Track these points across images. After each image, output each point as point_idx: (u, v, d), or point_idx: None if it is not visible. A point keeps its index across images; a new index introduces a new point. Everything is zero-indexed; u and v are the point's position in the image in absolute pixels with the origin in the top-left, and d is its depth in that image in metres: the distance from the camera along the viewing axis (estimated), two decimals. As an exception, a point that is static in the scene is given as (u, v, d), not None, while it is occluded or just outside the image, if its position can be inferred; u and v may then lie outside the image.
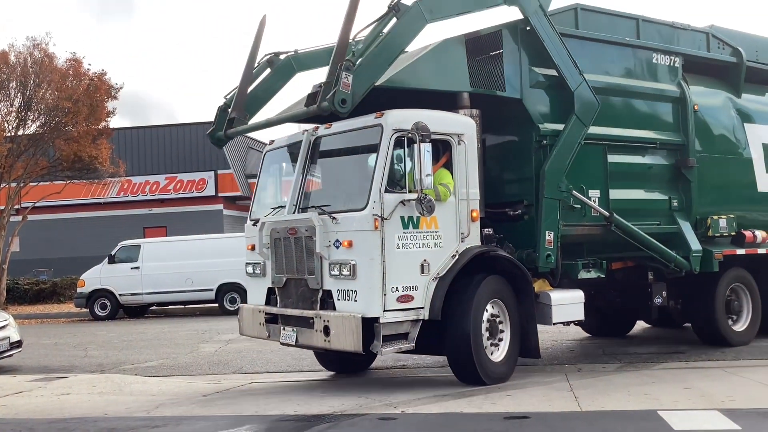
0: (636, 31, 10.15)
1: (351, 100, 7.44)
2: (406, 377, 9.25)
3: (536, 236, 8.69)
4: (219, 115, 9.50)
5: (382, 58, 7.83)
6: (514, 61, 8.81)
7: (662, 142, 10.08)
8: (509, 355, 8.31)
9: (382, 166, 7.55)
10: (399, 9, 7.96)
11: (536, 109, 8.99)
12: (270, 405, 7.77)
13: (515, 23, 8.94)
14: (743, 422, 6.31)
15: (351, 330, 7.37)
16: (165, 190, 31.43)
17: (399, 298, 7.51)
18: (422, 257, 7.70)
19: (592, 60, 9.51)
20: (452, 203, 7.99)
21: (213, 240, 21.35)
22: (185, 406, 7.95)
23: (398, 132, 7.64)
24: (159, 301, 20.78)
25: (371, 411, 7.26)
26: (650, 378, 8.48)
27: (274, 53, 9.70)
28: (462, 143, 8.10)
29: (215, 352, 12.41)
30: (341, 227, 7.66)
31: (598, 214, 9.21)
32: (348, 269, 7.53)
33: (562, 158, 8.82)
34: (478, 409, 7.17)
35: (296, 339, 8.13)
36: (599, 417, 6.72)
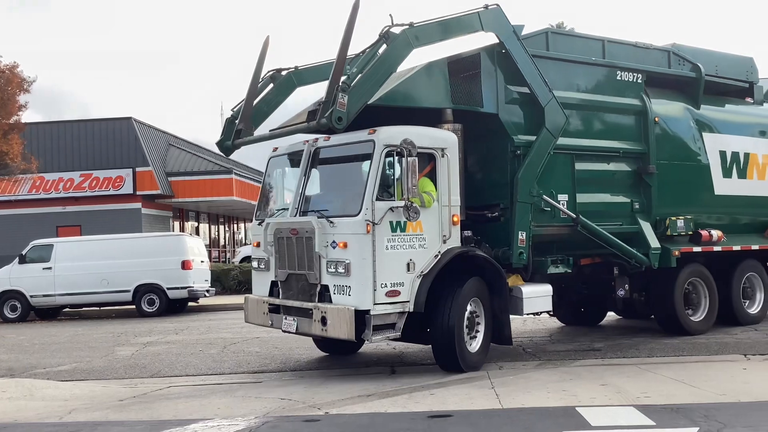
0: (602, 51, 11.20)
1: (346, 117, 8.35)
2: (331, 377, 9.19)
3: (510, 236, 9.66)
4: (227, 126, 10.42)
5: (373, 80, 8.73)
6: (491, 81, 9.83)
7: (625, 150, 11.09)
8: (483, 346, 9.30)
9: (374, 177, 8.53)
10: (389, 37, 8.90)
11: (511, 122, 9.98)
12: (189, 409, 7.60)
13: (492, 47, 9.94)
14: (657, 417, 6.52)
15: (345, 320, 8.32)
16: (80, 188, 30.39)
17: (387, 293, 8.43)
18: (408, 257, 8.63)
19: (561, 78, 10.55)
20: (435, 209, 8.93)
21: (130, 240, 20.76)
22: (100, 411, 7.70)
23: (388, 147, 8.61)
24: (73, 303, 20.06)
25: (294, 413, 7.19)
26: (568, 375, 8.68)
27: (276, 70, 10.65)
28: (445, 156, 9.07)
29: (132, 355, 12.06)
30: (337, 230, 8.58)
31: (566, 216, 10.22)
32: (343, 267, 8.46)
33: (534, 166, 9.83)
34: (402, 409, 7.18)
35: (297, 327, 9.08)
36: (520, 414, 6.83)
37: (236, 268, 25.44)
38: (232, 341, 13.08)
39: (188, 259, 19.60)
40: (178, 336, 14.43)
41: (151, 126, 33.79)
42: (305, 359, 10.67)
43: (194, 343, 13.21)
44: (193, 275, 19.73)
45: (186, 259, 19.57)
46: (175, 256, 19.55)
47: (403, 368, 9.61)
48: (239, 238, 46.27)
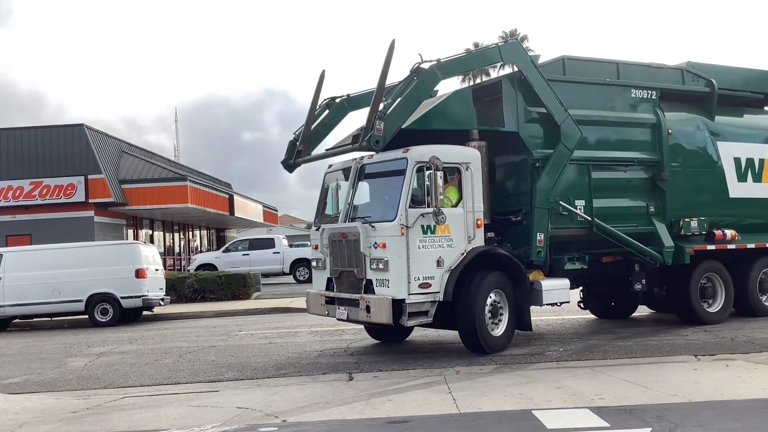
0: (617, 72, 12.56)
1: (382, 140, 10.06)
2: (289, 384, 9.13)
3: (530, 237, 11.07)
4: (289, 147, 12.20)
5: (406, 108, 10.39)
6: (511, 103, 11.23)
7: (639, 160, 12.47)
8: (507, 331, 10.77)
9: (407, 188, 10.16)
10: (419, 72, 10.57)
11: (530, 139, 11.38)
12: (144, 420, 7.49)
13: (512, 74, 11.50)
14: (611, 419, 6.64)
15: (384, 308, 9.89)
16: (30, 196, 29.67)
17: (420, 285, 9.98)
18: (438, 255, 10.17)
19: (577, 98, 11.90)
20: (461, 214, 10.47)
21: (83, 248, 20.30)
22: (52, 424, 7.54)
23: (419, 163, 10.20)
24: (23, 314, 19.53)
25: (251, 422, 7.13)
26: (525, 378, 8.77)
27: (331, 98, 12.37)
28: (469, 169, 10.62)
29: (85, 366, 11.83)
30: (378, 233, 10.18)
31: (582, 219, 11.63)
32: (383, 264, 10.03)
33: (551, 176, 11.20)
34: (360, 415, 7.19)
35: (347, 315, 10.74)
36: (477, 418, 6.88)
37: (192, 276, 25.14)
38: (188, 350, 12.92)
39: (142, 268, 19.28)
40: (132, 346, 14.20)
41: (103, 133, 33.23)
42: (262, 367, 10.60)
43: (149, 352, 13.02)
44: (148, 284, 19.41)
45: (140, 267, 19.25)
46: (129, 265, 19.22)
47: (361, 375, 9.60)
48: (195, 246, 45.74)
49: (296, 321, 17.17)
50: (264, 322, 17.54)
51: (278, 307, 20.64)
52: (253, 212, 45.88)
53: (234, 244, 35.91)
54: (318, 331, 14.77)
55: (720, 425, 6.38)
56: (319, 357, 11.29)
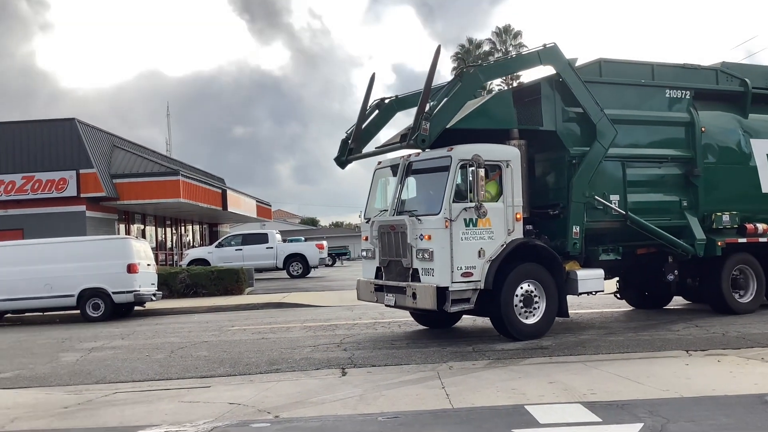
0: (652, 73, 13.04)
1: (428, 140, 10.75)
2: (281, 380, 9.12)
3: (567, 230, 11.72)
4: (342, 145, 13.05)
5: (450, 109, 11.12)
6: (550, 104, 11.89)
7: (673, 156, 13.03)
8: (543, 320, 11.37)
9: (450, 184, 10.90)
10: (462, 76, 11.52)
11: (567, 137, 12.02)
12: (136, 416, 7.47)
13: (550, 77, 12.01)
14: (603, 414, 6.66)
15: (429, 295, 10.67)
16: (21, 191, 29.54)
17: (462, 274, 10.75)
18: (479, 246, 10.92)
19: (613, 98, 12.44)
20: (502, 208, 11.18)
21: (74, 243, 20.22)
22: (44, 419, 7.51)
23: (462, 161, 10.95)
24: (14, 308, 19.44)
25: (244, 418, 7.12)
26: (517, 373, 8.79)
27: (380, 99, 13.17)
28: (509, 166, 11.31)
29: (77, 361, 11.79)
30: (424, 226, 10.96)
31: (617, 213, 12.23)
32: (428, 254, 10.83)
33: (587, 172, 11.85)
34: (353, 411, 7.18)
35: (395, 301, 11.58)
36: (470, 414, 6.89)
37: (184, 271, 25.08)
38: (180, 345, 12.90)
39: (134, 263, 19.21)
40: (124, 341, 14.16)
41: (95, 127, 33.09)
42: (254, 362, 10.58)
43: (141, 348, 12.98)
44: (140, 279, 19.35)
45: (132, 262, 19.18)
46: (121, 260, 19.14)
47: (354, 370, 9.60)
48: (187, 241, 45.64)
49: (289, 316, 17.15)
50: (257, 317, 17.52)
51: (271, 303, 20.62)
52: (247, 207, 45.79)
53: (227, 239, 35.86)
54: (311, 326, 14.76)
55: (711, 420, 6.40)
56: (312, 352, 11.28)
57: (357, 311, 16.72)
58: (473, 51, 59.95)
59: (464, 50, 60.90)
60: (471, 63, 11.54)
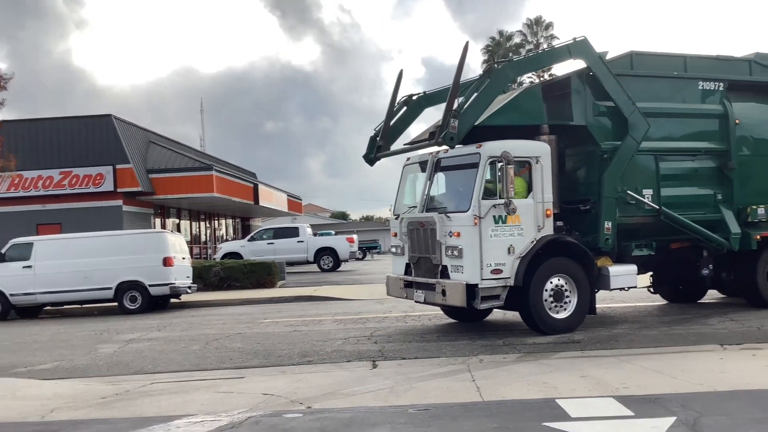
0: (684, 65, 12.89)
1: (457, 137, 10.82)
2: (314, 372, 9.22)
3: (598, 225, 11.58)
4: (370, 142, 12.98)
5: (479, 106, 11.12)
6: (580, 98, 11.76)
7: (707, 149, 12.81)
8: (575, 315, 11.27)
9: (480, 181, 10.87)
10: (491, 72, 11.44)
11: (598, 131, 11.89)
12: (172, 406, 7.61)
13: (581, 70, 11.88)
14: (635, 408, 6.63)
15: (459, 292, 10.69)
16: (59, 186, 30.12)
17: (492, 271, 10.72)
18: (509, 243, 10.84)
19: (645, 91, 12.24)
20: (531, 204, 11.08)
21: (111, 237, 20.58)
22: (82, 409, 7.68)
23: (491, 158, 10.88)
24: (54, 301, 19.86)
25: (277, 408, 7.22)
26: (548, 367, 8.77)
27: (408, 96, 13.10)
28: (539, 162, 11.20)
29: (114, 352, 12.02)
30: (453, 223, 10.95)
31: (650, 208, 12.07)
32: (457, 251, 10.83)
33: (618, 167, 11.70)
34: (384, 403, 7.24)
35: (424, 298, 11.57)
36: (500, 407, 6.90)
37: (218, 265, 25.37)
38: (215, 337, 13.08)
39: (170, 256, 19.51)
40: (160, 333, 14.40)
41: (131, 123, 33.56)
42: (287, 354, 10.70)
43: (177, 339, 13.19)
44: (175, 272, 19.64)
45: (167, 255, 19.47)
46: (157, 253, 19.44)
47: (384, 362, 9.66)
48: (220, 235, 46.10)
49: (320, 309, 17.28)
50: (288, 310, 17.67)
51: (302, 296, 20.78)
52: (278, 201, 46.12)
53: (259, 233, 36.15)
54: (342, 319, 14.86)
55: (746, 415, 6.35)
56: (343, 345, 11.37)
57: (387, 304, 16.79)
58: (504, 43, 59.36)
59: (495, 43, 60.30)
60: (501, 56, 11.29)
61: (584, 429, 6.09)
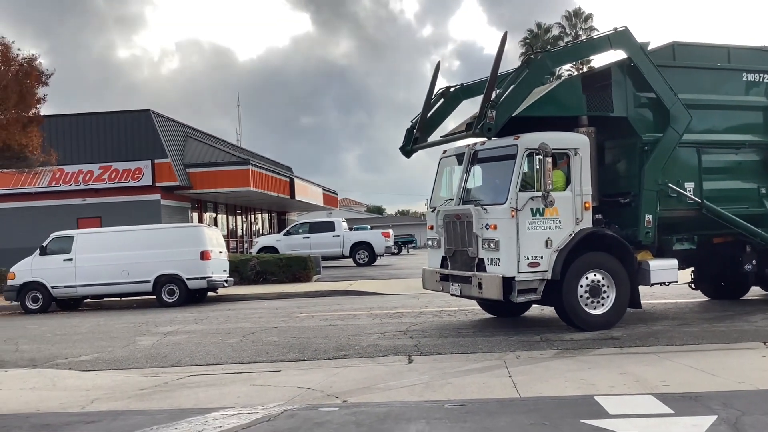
0: (728, 57, 12.61)
1: (494, 128, 10.65)
2: (349, 366, 9.23)
3: (638, 218, 11.43)
4: (407, 134, 12.91)
5: (516, 97, 10.94)
6: (620, 89, 11.58)
7: (751, 142, 12.57)
8: (612, 310, 11.11)
9: (517, 173, 10.75)
10: (530, 63, 11.26)
11: (639, 123, 11.70)
12: (209, 398, 7.68)
13: (621, 61, 11.73)
14: (675, 406, 6.51)
15: (495, 285, 10.62)
16: (99, 180, 30.63)
17: (529, 264, 10.63)
18: (546, 236, 10.73)
19: (687, 82, 12.02)
20: (570, 197, 10.96)
21: (150, 231, 20.88)
22: (121, 400, 7.79)
23: (528, 150, 10.77)
24: (94, 294, 20.22)
25: (312, 402, 7.24)
26: (586, 364, 8.66)
27: (446, 87, 13.08)
28: (578, 155, 11.08)
29: (153, 345, 12.18)
30: (489, 215, 10.87)
31: (691, 201, 11.90)
32: (494, 244, 10.75)
33: (660, 159, 11.52)
34: (419, 398, 7.22)
35: (460, 291, 11.57)
36: (537, 403, 6.83)
37: (254, 259, 25.57)
38: (251, 331, 13.18)
39: (207, 250, 19.72)
40: (197, 326, 14.56)
41: (168, 118, 33.95)
42: (323, 348, 10.74)
43: (214, 332, 13.32)
44: (212, 266, 19.85)
45: (205, 249, 19.68)
46: (194, 247, 19.67)
47: (420, 357, 9.63)
48: (256, 229, 46.46)
49: (356, 304, 17.31)
50: (324, 304, 17.74)
51: (338, 290, 20.85)
52: (313, 195, 46.33)
53: (295, 227, 36.34)
54: (377, 314, 14.86)
55: (790, 414, 6.19)
56: (378, 339, 11.37)
57: (423, 299, 16.76)
58: (542, 36, 58.81)
59: (532, 35, 59.75)
60: (539, 48, 11.04)
61: (623, 426, 5.99)
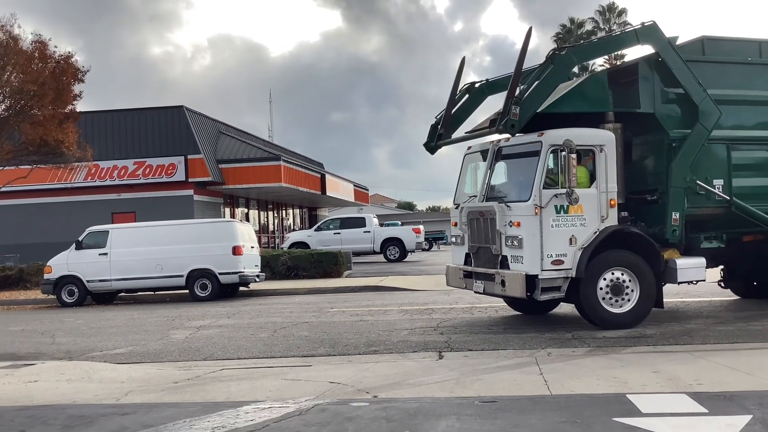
0: (759, 51, 12.23)
1: (518, 125, 10.50)
2: (380, 361, 9.25)
3: (665, 216, 11.22)
4: (431, 131, 12.78)
5: (541, 93, 10.77)
6: (648, 85, 11.34)
7: None
8: (636, 309, 10.92)
9: (541, 170, 10.63)
10: (554, 58, 10.97)
11: (667, 119, 11.44)
12: (241, 391, 7.75)
13: (649, 56, 11.45)
14: (710, 405, 6.42)
15: (518, 283, 10.53)
16: (134, 175, 31.06)
17: (553, 262, 10.51)
18: (571, 233, 10.61)
19: (717, 77, 11.76)
20: (595, 194, 10.78)
21: (183, 226, 21.11)
22: (155, 393, 7.89)
23: (553, 146, 10.65)
24: (128, 288, 20.50)
25: (343, 396, 7.27)
26: (619, 362, 8.58)
27: (471, 83, 12.88)
28: (603, 151, 10.90)
29: (186, 338, 12.33)
30: (513, 212, 10.76)
31: (720, 199, 11.60)
32: (517, 242, 10.63)
33: (688, 156, 11.26)
34: (450, 394, 7.21)
35: (483, 288, 11.44)
36: (569, 400, 6.79)
37: (285, 254, 25.72)
38: (282, 325, 13.27)
39: (239, 245, 19.88)
40: (229, 320, 14.69)
41: (201, 114, 34.27)
42: (353, 343, 10.77)
43: (245, 327, 13.44)
44: (244, 260, 20.01)
45: (237, 244, 19.85)
46: (226, 242, 19.84)
47: (450, 354, 9.62)
48: (288, 224, 46.71)
49: (386, 299, 17.33)
50: (355, 299, 17.79)
51: (369, 286, 20.88)
52: (344, 191, 46.46)
53: (326, 222, 36.48)
54: (408, 309, 14.87)
55: (828, 416, 6.08)
56: (409, 335, 11.37)
57: (454, 296, 16.72)
58: (575, 31, 58.21)
59: (565, 30, 59.17)
60: (571, 43, 10.89)
61: (656, 425, 5.93)
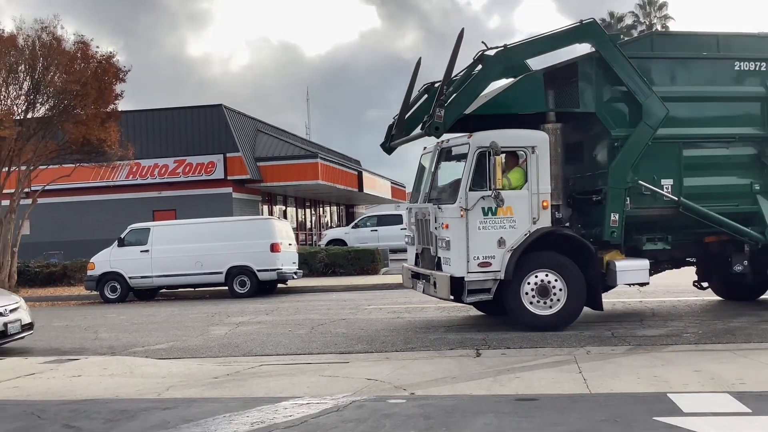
0: (717, 45, 11.72)
1: (442, 127, 10.54)
2: (417, 358, 9.25)
3: (604, 217, 10.91)
4: (387, 132, 12.66)
5: (467, 95, 10.81)
6: (588, 84, 11.05)
7: (742, 136, 11.59)
8: (563, 311, 10.75)
9: (467, 172, 10.61)
10: (483, 59, 10.98)
11: (609, 118, 11.12)
12: (280, 387, 7.82)
13: (589, 54, 11.20)
14: (753, 405, 6.31)
15: (444, 284, 10.56)
16: (174, 174, 31.44)
17: (480, 264, 10.49)
18: (499, 235, 10.53)
19: (667, 74, 11.47)
20: (526, 196, 10.67)
21: (222, 223, 21.36)
22: (195, 388, 8.00)
23: (480, 148, 10.56)
24: (169, 284, 20.80)
25: (380, 393, 7.29)
26: (660, 360, 8.47)
27: (431, 83, 12.44)
28: (535, 152, 10.72)
29: (225, 334, 12.47)
30: (444, 214, 10.77)
31: (668, 199, 11.17)
32: (446, 244, 10.63)
33: (629, 156, 10.91)
34: (487, 391, 7.19)
35: (423, 289, 11.51)
36: (608, 399, 6.72)
37: (323, 251, 25.85)
38: (320, 322, 13.35)
39: (277, 242, 20.04)
40: (268, 317, 14.82)
41: (240, 112, 34.58)
42: (390, 340, 10.79)
43: (284, 323, 13.55)
44: (282, 258, 20.17)
45: (275, 242, 20.01)
46: (265, 239, 20.02)
47: (488, 351, 9.59)
48: (325, 222, 46.92)
49: (423, 297, 17.23)
50: (392, 296, 17.81)
51: (406, 283, 20.84)
52: (381, 189, 46.47)
53: (363, 220, 36.52)
54: (445, 307, 14.83)
55: None
56: (446, 332, 11.36)
57: (492, 293, 16.62)
58: (615, 25, 57.45)
59: (605, 25, 58.43)
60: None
61: (697, 425, 5.84)
